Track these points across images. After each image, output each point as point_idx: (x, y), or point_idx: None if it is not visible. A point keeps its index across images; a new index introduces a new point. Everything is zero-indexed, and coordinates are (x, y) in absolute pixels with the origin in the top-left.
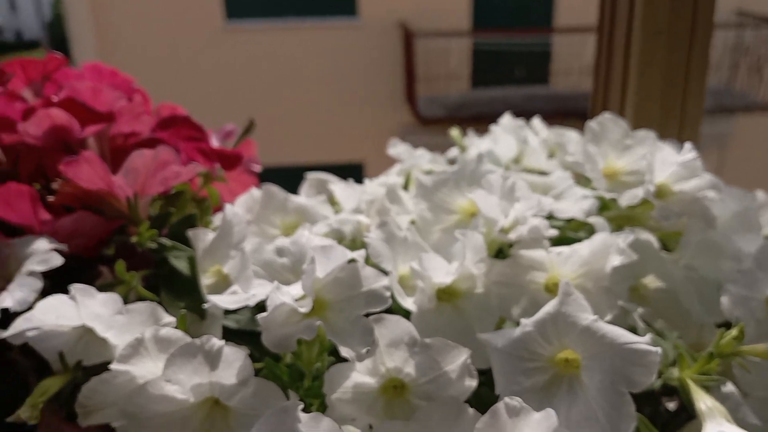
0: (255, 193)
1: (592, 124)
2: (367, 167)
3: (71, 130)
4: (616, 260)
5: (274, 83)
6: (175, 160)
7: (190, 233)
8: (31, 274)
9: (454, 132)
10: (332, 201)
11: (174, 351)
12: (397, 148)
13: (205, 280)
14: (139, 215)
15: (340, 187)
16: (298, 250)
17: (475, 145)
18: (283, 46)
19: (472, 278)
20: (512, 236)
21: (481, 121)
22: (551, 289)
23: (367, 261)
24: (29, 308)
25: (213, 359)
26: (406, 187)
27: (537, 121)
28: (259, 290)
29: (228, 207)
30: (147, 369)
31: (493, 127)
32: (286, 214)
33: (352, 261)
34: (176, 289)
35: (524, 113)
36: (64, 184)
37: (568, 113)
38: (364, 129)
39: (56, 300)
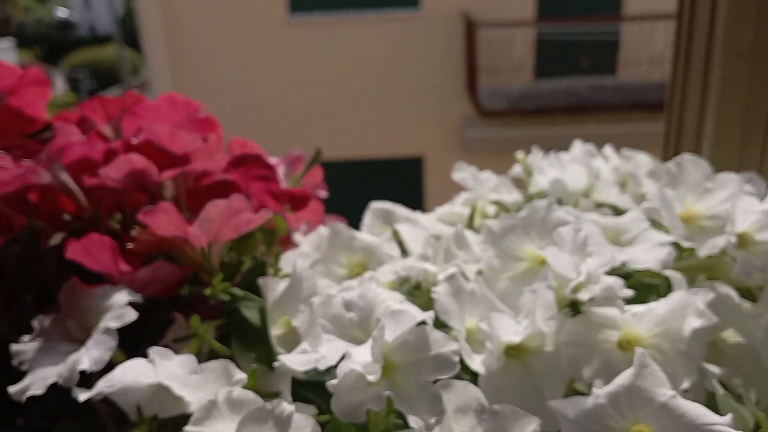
0: (322, 231)
1: (669, 166)
2: (428, 161)
3: (149, 174)
4: (695, 323)
5: (336, 75)
6: (247, 208)
7: (261, 282)
8: (107, 331)
9: (520, 155)
10: (397, 236)
11: (246, 415)
12: (462, 173)
13: (275, 331)
14: (212, 264)
15: (405, 228)
16: (366, 305)
17: (543, 171)
18: (345, 38)
19: (542, 336)
20: (585, 296)
21: (544, 113)
22: (625, 348)
23: (436, 321)
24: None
25: (283, 424)
26: (471, 220)
27: (608, 149)
28: (328, 352)
29: (299, 262)
30: (220, 429)
31: (562, 156)
32: (353, 253)
33: (421, 323)
34: (247, 340)
35: (590, 105)
36: (142, 231)
37: (636, 105)
38: (425, 121)
39: (135, 363)
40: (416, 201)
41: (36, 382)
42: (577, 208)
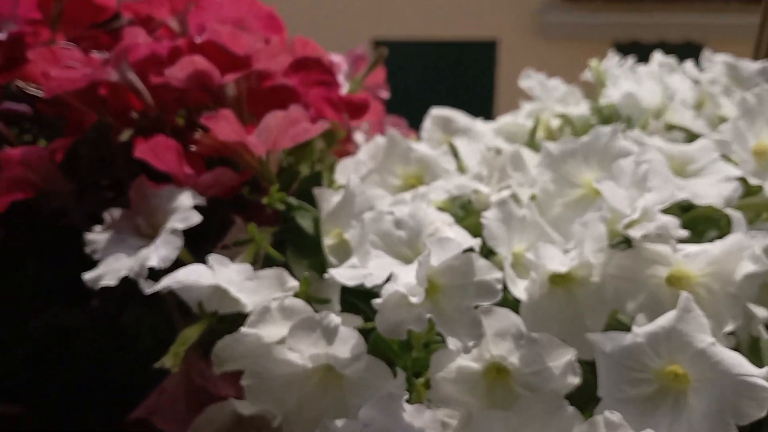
0: (379, 140)
1: (747, 96)
2: (501, 46)
3: (212, 76)
4: (748, 267)
5: None
6: (304, 118)
7: (316, 192)
8: (173, 232)
9: (594, 63)
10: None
11: (296, 323)
12: (530, 80)
13: (328, 240)
14: (270, 172)
15: (463, 142)
16: (416, 225)
17: (617, 83)
18: None
19: (590, 267)
20: (637, 234)
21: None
22: (673, 284)
23: (483, 247)
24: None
25: (330, 334)
26: (533, 134)
27: (689, 65)
28: (376, 269)
29: (352, 178)
30: (272, 332)
31: (639, 68)
32: (408, 165)
33: (467, 251)
34: (301, 247)
35: None
36: (205, 135)
37: None
38: (500, 2)
39: (196, 267)
40: (487, 90)
41: (109, 273)
42: (646, 130)
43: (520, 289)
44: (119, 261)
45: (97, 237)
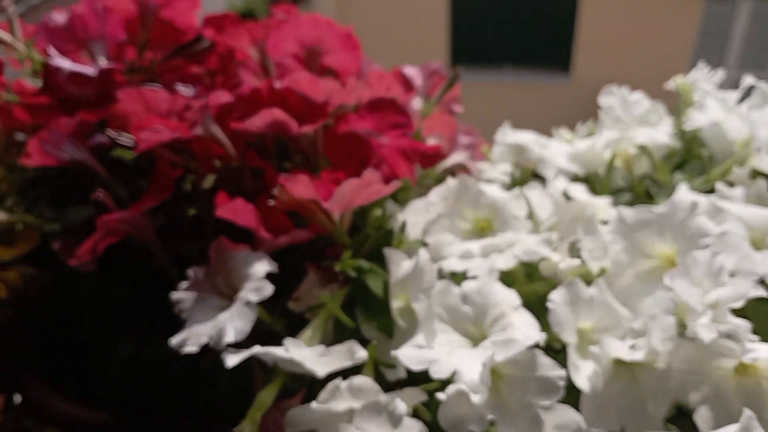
0: (451, 182)
1: None
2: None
3: (289, 126)
4: None
5: None
6: (378, 180)
7: (387, 253)
8: (248, 304)
9: (679, 78)
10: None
11: (364, 405)
12: (611, 97)
13: (396, 303)
14: (344, 234)
15: (536, 193)
16: (482, 302)
17: (703, 105)
18: None
19: (656, 353)
20: (707, 336)
21: None
22: (741, 373)
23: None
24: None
25: (395, 420)
26: (610, 169)
27: None
28: (441, 353)
29: (422, 253)
30: (341, 405)
31: (726, 95)
32: (478, 209)
33: (533, 347)
34: (370, 307)
35: None
36: (282, 192)
37: None
38: None
39: (274, 349)
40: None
41: (191, 338)
42: (728, 175)
43: (583, 378)
44: (200, 325)
45: (182, 296)
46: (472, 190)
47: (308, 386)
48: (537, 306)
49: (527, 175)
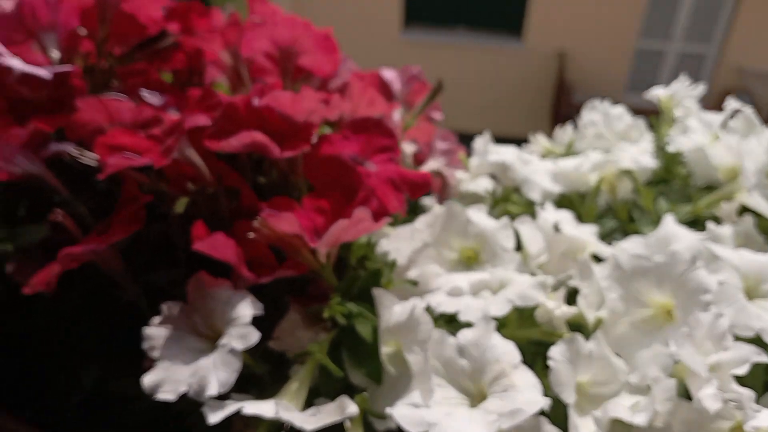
0: (437, 210)
1: None
2: None
3: (270, 149)
4: None
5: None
6: (368, 218)
7: (376, 294)
8: (232, 352)
9: (660, 92)
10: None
11: None
12: (595, 113)
13: (385, 348)
14: (331, 274)
15: (527, 228)
16: (480, 356)
17: (687, 127)
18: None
19: (656, 414)
20: (712, 406)
21: None
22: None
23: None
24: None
25: None
26: (596, 193)
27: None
28: (441, 420)
29: (418, 305)
30: None
31: (711, 116)
32: (466, 238)
33: (536, 414)
34: (358, 353)
35: None
36: (263, 225)
37: None
38: None
39: (264, 404)
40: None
41: (167, 384)
42: (715, 207)
43: None
44: (178, 369)
45: (155, 332)
46: (460, 218)
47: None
48: (530, 352)
49: (509, 192)
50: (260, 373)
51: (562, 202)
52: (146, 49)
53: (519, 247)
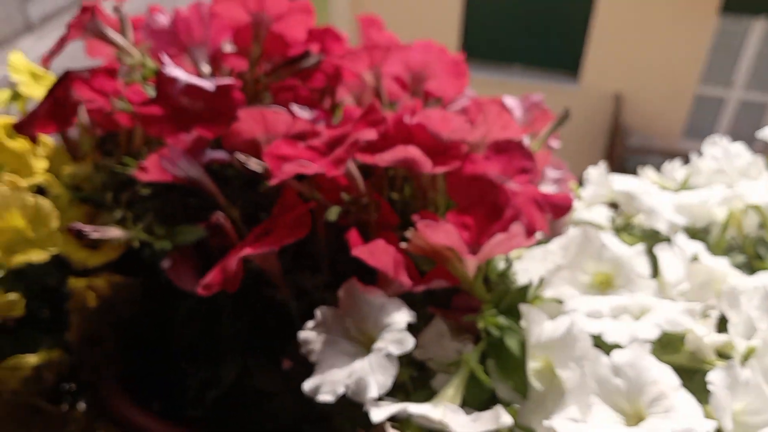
0: (572, 233)
1: None
2: None
3: (422, 165)
4: None
5: None
6: (522, 234)
7: (524, 310)
8: (389, 356)
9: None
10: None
11: None
12: (716, 148)
13: (532, 363)
14: (482, 288)
15: (666, 256)
16: (635, 377)
17: None
18: None
19: None
20: None
21: None
22: None
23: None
24: None
25: None
26: (725, 229)
27: None
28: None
29: (576, 323)
30: None
31: None
32: (600, 263)
33: None
34: (505, 366)
35: None
36: (417, 236)
37: None
38: None
39: (422, 406)
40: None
41: (326, 385)
42: None
43: None
44: (335, 371)
45: (311, 336)
46: (595, 243)
47: None
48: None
49: (629, 221)
50: (402, 381)
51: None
52: (292, 67)
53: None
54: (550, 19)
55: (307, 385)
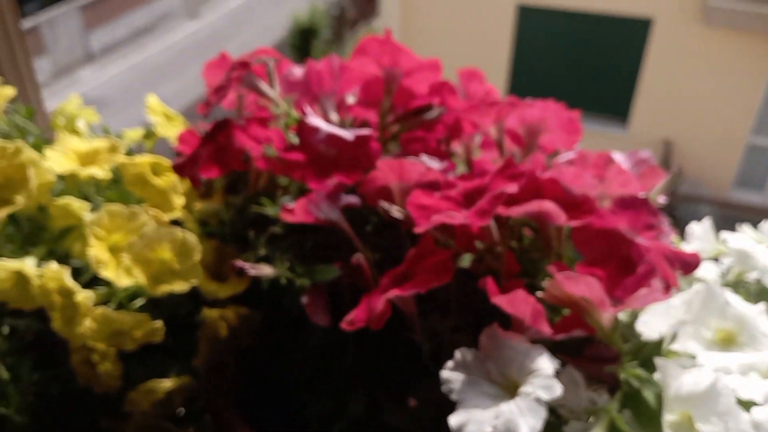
0: (696, 289)
1: None
2: (656, 25)
3: (556, 218)
4: None
5: None
6: (661, 290)
7: (659, 363)
8: (538, 401)
9: None
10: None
11: None
12: None
13: (669, 415)
14: (617, 338)
15: None
16: None
17: None
18: None
19: None
20: None
21: None
22: None
23: None
24: None
25: None
26: None
27: None
28: None
29: (721, 378)
30: None
31: None
32: (724, 320)
33: None
34: (641, 417)
35: None
36: (553, 286)
37: None
38: None
39: None
40: (633, 69)
41: (472, 423)
42: None
43: None
44: (478, 411)
45: (453, 376)
46: (719, 300)
47: None
48: None
49: (741, 278)
50: None
51: None
52: (418, 119)
53: None
54: (600, 62)
55: (453, 421)
